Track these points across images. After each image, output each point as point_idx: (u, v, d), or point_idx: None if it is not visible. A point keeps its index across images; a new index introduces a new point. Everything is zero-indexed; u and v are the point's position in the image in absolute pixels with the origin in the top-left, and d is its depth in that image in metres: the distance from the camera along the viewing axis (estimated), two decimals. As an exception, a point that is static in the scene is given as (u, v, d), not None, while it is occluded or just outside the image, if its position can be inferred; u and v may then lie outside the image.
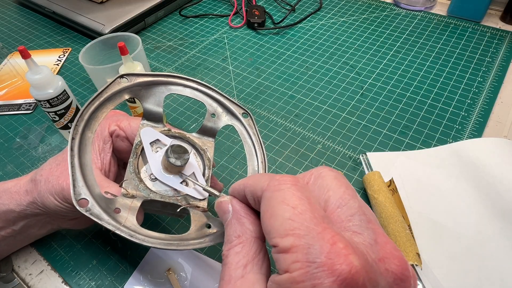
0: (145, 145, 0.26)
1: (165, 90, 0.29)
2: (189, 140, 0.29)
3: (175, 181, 0.26)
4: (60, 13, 0.66)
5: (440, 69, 0.53)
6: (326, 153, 0.43)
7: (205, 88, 0.30)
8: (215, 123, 0.30)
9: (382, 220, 0.34)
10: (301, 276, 0.14)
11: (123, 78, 0.28)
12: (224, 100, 0.30)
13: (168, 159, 0.24)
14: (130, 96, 0.28)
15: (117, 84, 0.27)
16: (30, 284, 0.34)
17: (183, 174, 0.26)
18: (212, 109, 0.30)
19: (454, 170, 0.39)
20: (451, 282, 0.31)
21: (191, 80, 0.30)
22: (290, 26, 0.65)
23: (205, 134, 0.30)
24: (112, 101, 0.27)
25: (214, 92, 0.30)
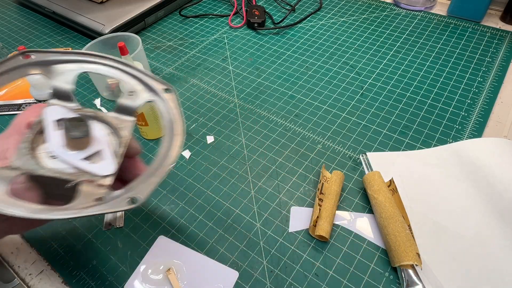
0: (46, 122, 0.24)
1: (77, 68, 0.28)
2: (102, 119, 0.27)
3: (76, 157, 0.23)
4: (60, 13, 0.66)
5: (440, 69, 0.53)
6: (326, 153, 0.43)
7: (122, 65, 0.29)
8: (134, 101, 0.28)
9: (382, 220, 0.34)
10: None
11: (30, 54, 0.26)
12: (144, 76, 0.29)
13: (65, 132, 0.23)
14: (37, 72, 0.27)
15: (18, 60, 0.26)
16: (30, 284, 0.34)
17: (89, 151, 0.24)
18: (129, 87, 0.28)
19: (454, 170, 0.39)
20: (451, 282, 0.31)
21: (106, 57, 0.28)
22: (290, 26, 0.65)
23: (122, 112, 0.28)
24: (11, 75, 0.26)
25: (132, 69, 0.29)
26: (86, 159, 0.24)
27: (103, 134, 0.25)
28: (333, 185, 0.37)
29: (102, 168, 0.23)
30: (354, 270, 0.33)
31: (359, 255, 0.34)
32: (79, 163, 0.23)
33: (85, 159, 0.24)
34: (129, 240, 0.36)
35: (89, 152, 0.24)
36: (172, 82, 0.55)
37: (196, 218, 0.38)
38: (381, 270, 0.32)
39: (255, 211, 0.38)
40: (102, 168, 0.23)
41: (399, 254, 0.31)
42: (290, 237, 0.35)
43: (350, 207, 0.37)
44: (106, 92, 0.52)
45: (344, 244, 0.34)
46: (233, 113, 0.49)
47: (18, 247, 0.36)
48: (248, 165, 0.42)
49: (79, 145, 0.24)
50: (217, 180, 0.41)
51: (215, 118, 0.48)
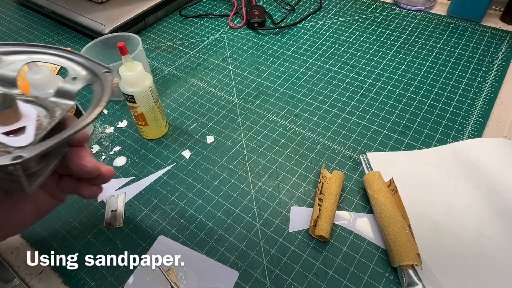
0: None
1: (26, 58, 0.29)
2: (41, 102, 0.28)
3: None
4: (60, 13, 0.66)
5: (440, 69, 0.53)
6: (326, 153, 0.43)
7: (69, 53, 0.30)
8: (75, 85, 0.29)
9: (382, 220, 0.34)
10: None
11: None
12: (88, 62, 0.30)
13: None
14: None
15: None
16: (30, 284, 0.34)
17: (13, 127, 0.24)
18: (74, 73, 0.30)
19: (454, 170, 0.39)
20: (451, 282, 0.31)
21: (54, 48, 0.30)
22: (290, 26, 0.65)
23: (63, 96, 0.29)
24: None
25: (78, 56, 0.30)
26: (9, 132, 0.24)
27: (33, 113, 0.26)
28: (333, 185, 0.37)
29: (19, 140, 0.24)
30: (354, 270, 0.33)
31: (359, 255, 0.34)
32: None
33: (7, 133, 0.24)
34: (129, 240, 0.36)
35: (14, 127, 0.24)
36: (172, 82, 0.55)
37: (196, 218, 0.38)
38: (381, 270, 0.32)
39: (255, 211, 0.38)
40: (19, 141, 0.24)
41: (399, 254, 0.31)
42: (290, 237, 0.35)
43: (350, 207, 0.37)
44: (106, 92, 0.52)
45: (344, 244, 0.34)
46: (233, 113, 0.49)
47: (18, 247, 0.36)
48: (248, 165, 0.42)
49: (6, 121, 0.24)
50: (217, 180, 0.41)
51: (215, 118, 0.48)
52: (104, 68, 0.30)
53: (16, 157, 0.20)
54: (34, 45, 0.30)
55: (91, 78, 0.30)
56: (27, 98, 0.28)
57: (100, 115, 0.26)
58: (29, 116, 0.25)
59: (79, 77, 0.30)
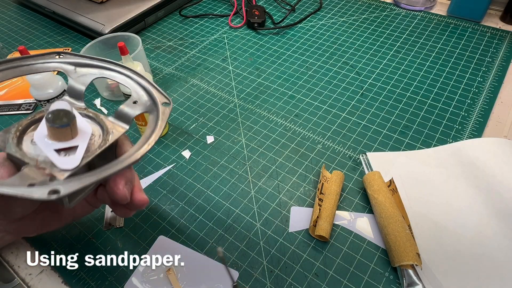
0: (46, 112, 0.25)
1: (97, 73, 0.30)
2: (100, 120, 0.28)
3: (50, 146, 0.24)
4: (60, 13, 0.66)
5: (440, 69, 0.53)
6: (326, 153, 0.43)
7: (137, 76, 0.31)
8: (133, 109, 0.29)
9: (382, 220, 0.34)
10: None
11: (59, 55, 0.30)
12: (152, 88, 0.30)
13: (45, 120, 0.24)
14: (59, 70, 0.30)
15: (49, 58, 0.29)
16: (30, 284, 0.34)
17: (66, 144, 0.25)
18: (136, 97, 0.30)
19: (454, 170, 0.39)
20: (451, 282, 0.31)
21: (124, 67, 0.31)
22: (290, 26, 0.65)
23: (120, 119, 0.29)
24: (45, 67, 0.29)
25: (145, 80, 0.31)
26: (60, 150, 0.24)
27: (88, 132, 0.26)
28: (333, 185, 0.37)
29: (66, 161, 0.24)
30: (354, 270, 0.33)
31: (359, 255, 0.34)
32: (49, 152, 0.24)
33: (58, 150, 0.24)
34: (129, 240, 0.36)
35: (66, 145, 0.25)
36: (172, 82, 0.55)
37: (196, 218, 0.38)
38: (381, 270, 0.32)
39: (255, 211, 0.38)
40: (66, 162, 0.24)
41: (399, 254, 0.31)
42: (290, 237, 0.35)
43: (350, 207, 0.37)
44: (106, 92, 0.52)
45: (344, 244, 0.34)
46: (233, 113, 0.49)
47: (18, 247, 0.36)
48: (248, 165, 0.42)
49: (61, 137, 0.24)
50: (217, 180, 0.41)
51: (215, 118, 0.48)
52: (164, 98, 0.30)
53: (52, 191, 0.20)
54: (107, 61, 0.31)
55: (150, 106, 0.30)
56: (87, 114, 0.28)
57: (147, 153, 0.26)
58: (84, 134, 0.26)
59: (139, 102, 0.30)
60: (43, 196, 0.19)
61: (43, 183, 0.21)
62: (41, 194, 0.20)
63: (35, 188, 0.20)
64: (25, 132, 0.26)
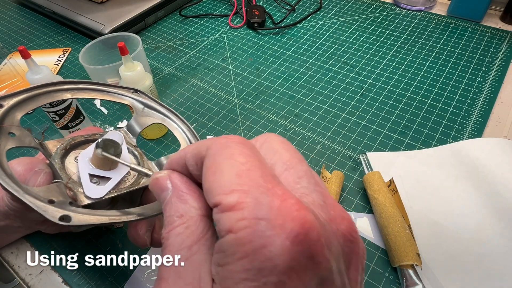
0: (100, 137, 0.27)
1: (159, 119, 0.32)
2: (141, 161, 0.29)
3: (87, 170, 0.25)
4: (60, 13, 0.66)
5: (440, 69, 0.53)
6: (326, 153, 0.43)
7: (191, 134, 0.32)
8: None
9: (382, 220, 0.34)
10: (249, 235, 0.12)
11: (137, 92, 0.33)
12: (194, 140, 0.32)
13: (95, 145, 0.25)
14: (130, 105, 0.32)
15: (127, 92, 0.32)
16: (30, 284, 0.34)
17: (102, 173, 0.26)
18: None
19: (454, 170, 0.39)
20: (451, 282, 0.31)
21: (184, 122, 0.32)
22: (290, 26, 0.65)
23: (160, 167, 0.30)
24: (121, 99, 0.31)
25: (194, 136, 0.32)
26: (94, 176, 0.26)
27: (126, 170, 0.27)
28: (333, 185, 0.37)
29: (93, 190, 0.25)
30: (354, 270, 0.33)
31: (359, 255, 0.34)
32: (83, 173, 0.25)
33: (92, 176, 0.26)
34: (129, 240, 0.36)
35: (102, 173, 0.26)
36: (172, 82, 0.55)
37: (196, 218, 0.37)
38: (381, 270, 0.32)
39: (255, 211, 0.38)
40: (92, 190, 0.25)
41: (399, 254, 0.31)
42: (290, 237, 0.35)
43: (350, 207, 0.37)
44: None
45: (344, 244, 0.34)
46: (233, 113, 0.49)
47: (18, 247, 0.36)
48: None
49: (101, 165, 0.26)
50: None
51: (215, 118, 0.48)
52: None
53: (63, 217, 0.21)
54: (172, 112, 0.32)
55: None
56: (134, 151, 0.30)
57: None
58: (121, 170, 0.27)
59: None
60: (53, 218, 0.20)
61: (62, 203, 0.22)
62: (52, 215, 0.20)
63: (51, 207, 0.21)
64: (75, 148, 0.28)
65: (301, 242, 0.12)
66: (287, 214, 0.12)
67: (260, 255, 0.12)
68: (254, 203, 0.13)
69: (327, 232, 0.13)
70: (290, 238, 0.12)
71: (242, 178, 0.13)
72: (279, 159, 0.16)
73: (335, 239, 0.14)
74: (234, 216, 0.13)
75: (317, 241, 0.12)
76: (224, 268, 0.13)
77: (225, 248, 0.13)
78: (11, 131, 0.24)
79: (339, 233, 0.14)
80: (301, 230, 0.12)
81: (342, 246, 0.14)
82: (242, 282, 0.12)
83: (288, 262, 0.12)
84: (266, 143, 0.17)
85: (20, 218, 0.30)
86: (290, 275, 0.12)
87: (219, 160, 0.14)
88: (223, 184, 0.14)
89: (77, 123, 0.44)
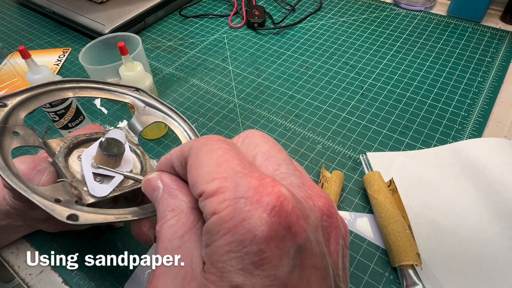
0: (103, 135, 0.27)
1: (160, 118, 0.32)
2: (143, 159, 0.29)
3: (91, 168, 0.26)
4: (60, 13, 0.66)
5: (440, 69, 0.53)
6: (326, 153, 0.43)
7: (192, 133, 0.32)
8: None
9: (382, 220, 0.34)
10: (230, 213, 0.13)
11: (139, 91, 0.32)
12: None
13: (98, 144, 0.25)
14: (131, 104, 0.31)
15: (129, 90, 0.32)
16: (30, 284, 0.34)
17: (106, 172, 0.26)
18: None
19: (454, 170, 0.39)
20: (451, 282, 0.31)
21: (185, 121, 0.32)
22: (290, 26, 0.65)
23: None
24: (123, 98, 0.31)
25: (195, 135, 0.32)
26: (97, 175, 0.26)
27: (129, 168, 0.27)
28: (333, 185, 0.37)
29: (97, 189, 0.25)
30: (354, 270, 0.33)
31: (359, 255, 0.34)
32: (87, 172, 0.25)
33: (96, 175, 0.26)
34: (129, 240, 0.36)
35: (105, 172, 0.26)
36: (172, 82, 0.55)
37: (196, 218, 0.37)
38: (381, 270, 0.32)
39: (255, 211, 0.38)
40: (97, 188, 0.25)
41: (399, 254, 0.31)
42: (290, 237, 0.35)
43: (350, 207, 0.37)
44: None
45: (344, 244, 0.34)
46: (233, 113, 0.49)
47: (18, 247, 0.36)
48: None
49: (105, 163, 0.26)
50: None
51: (215, 118, 0.48)
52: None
53: (71, 216, 0.21)
54: (174, 111, 0.32)
55: None
56: (136, 150, 0.30)
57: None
58: (124, 168, 0.27)
59: None
60: (61, 217, 0.20)
61: (68, 202, 0.22)
62: (60, 215, 0.20)
63: (58, 206, 0.21)
64: (77, 146, 0.28)
65: (277, 213, 0.13)
66: (263, 190, 0.14)
67: (241, 228, 0.13)
68: (233, 186, 0.14)
69: (303, 206, 0.15)
70: (267, 210, 0.13)
71: (221, 167, 0.15)
72: (259, 151, 0.18)
73: (312, 213, 0.15)
74: (216, 200, 0.14)
75: (292, 212, 0.14)
76: (211, 246, 0.14)
77: (211, 229, 0.14)
78: (16, 130, 0.25)
79: (316, 208, 0.16)
80: (276, 203, 0.13)
81: (320, 220, 0.16)
82: (226, 254, 0.13)
83: (266, 232, 0.13)
84: (248, 138, 0.19)
85: (21, 217, 0.30)
86: (269, 244, 0.13)
87: (200, 156, 0.16)
88: (205, 175, 0.15)
89: (77, 123, 0.44)
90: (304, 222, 0.14)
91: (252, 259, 0.13)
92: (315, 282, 0.14)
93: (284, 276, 0.13)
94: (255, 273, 0.13)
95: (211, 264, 0.14)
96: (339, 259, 0.16)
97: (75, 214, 0.21)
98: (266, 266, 0.13)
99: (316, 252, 0.14)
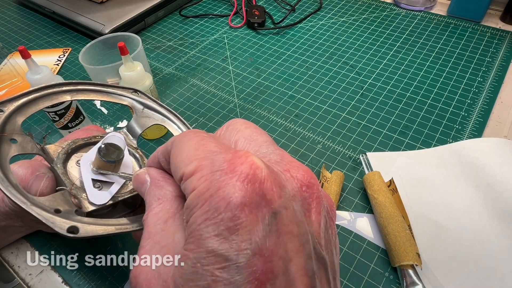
0: (102, 140, 0.26)
1: (159, 120, 0.32)
2: (142, 163, 0.29)
3: (90, 174, 0.26)
4: (60, 13, 0.66)
5: (440, 69, 0.53)
6: (326, 153, 0.43)
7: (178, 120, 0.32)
8: None
9: (382, 220, 0.34)
10: (207, 185, 0.14)
11: (137, 92, 0.32)
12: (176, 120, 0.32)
13: (97, 150, 0.25)
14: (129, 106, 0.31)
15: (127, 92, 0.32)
16: (30, 284, 0.34)
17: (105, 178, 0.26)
18: None
19: (454, 170, 0.39)
20: (451, 282, 0.31)
21: (184, 124, 0.32)
22: (290, 26, 0.65)
23: None
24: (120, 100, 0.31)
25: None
26: (97, 181, 0.26)
27: (128, 173, 0.27)
28: (333, 185, 0.37)
29: (96, 196, 0.25)
30: (354, 270, 0.33)
31: (359, 255, 0.34)
32: (86, 178, 0.25)
33: (95, 181, 0.26)
34: (129, 240, 0.36)
35: (104, 178, 0.26)
36: (172, 82, 0.55)
37: (196, 218, 0.37)
38: (381, 270, 0.32)
39: (255, 211, 0.38)
40: (96, 196, 0.25)
41: (399, 254, 0.31)
42: (290, 237, 0.35)
43: (350, 207, 0.37)
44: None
45: (344, 244, 0.34)
46: (233, 113, 0.49)
47: (18, 247, 0.36)
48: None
49: (104, 169, 0.25)
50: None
51: (215, 118, 0.48)
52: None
53: (71, 229, 0.21)
54: (173, 113, 0.32)
55: None
56: (135, 154, 0.30)
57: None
58: (123, 174, 0.27)
59: None
60: (61, 231, 0.20)
61: (68, 212, 0.22)
62: (60, 228, 0.20)
63: (58, 218, 0.21)
64: (76, 151, 0.27)
65: (250, 181, 0.14)
66: (237, 161, 0.14)
67: (216, 196, 0.14)
68: (210, 162, 0.15)
69: (278, 176, 0.15)
70: (240, 179, 0.14)
71: (198, 150, 0.16)
72: (241, 136, 0.18)
73: (289, 183, 0.16)
74: (195, 178, 0.15)
75: (266, 180, 0.14)
76: (190, 220, 0.15)
77: (189, 203, 0.15)
78: (13, 138, 0.24)
79: (294, 180, 0.16)
80: (249, 171, 0.14)
81: (299, 191, 0.16)
82: (203, 222, 0.14)
83: (240, 199, 0.14)
84: (231, 126, 0.19)
85: (21, 218, 0.30)
86: (243, 210, 0.14)
87: (179, 145, 0.17)
88: (184, 159, 0.16)
89: (77, 123, 0.44)
90: (279, 190, 0.15)
91: (227, 224, 0.13)
92: (292, 248, 0.14)
93: (260, 241, 0.13)
94: (230, 238, 0.13)
95: (190, 234, 0.14)
96: (320, 229, 0.16)
97: (76, 226, 0.21)
98: (241, 231, 0.13)
99: (293, 219, 0.15)
